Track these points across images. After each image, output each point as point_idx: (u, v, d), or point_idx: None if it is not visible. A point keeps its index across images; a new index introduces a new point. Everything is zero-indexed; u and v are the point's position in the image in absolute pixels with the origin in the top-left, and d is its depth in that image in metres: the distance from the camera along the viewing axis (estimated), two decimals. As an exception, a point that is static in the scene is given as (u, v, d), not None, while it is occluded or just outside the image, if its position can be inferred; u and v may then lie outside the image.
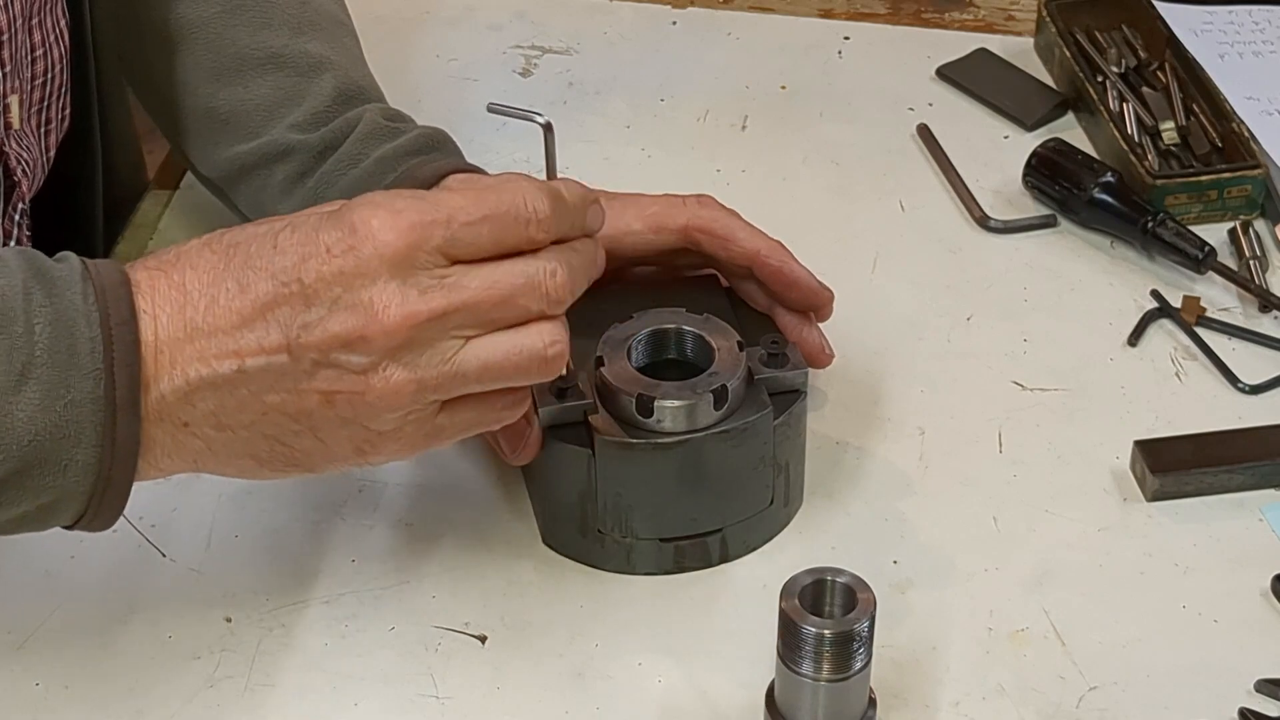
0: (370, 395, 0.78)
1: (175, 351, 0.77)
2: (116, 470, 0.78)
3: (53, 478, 0.77)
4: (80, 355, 0.76)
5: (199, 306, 0.78)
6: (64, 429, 0.76)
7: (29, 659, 0.87)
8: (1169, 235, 1.10)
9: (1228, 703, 0.85)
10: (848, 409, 1.01)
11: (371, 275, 0.77)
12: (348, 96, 1.03)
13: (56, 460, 0.76)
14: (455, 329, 0.78)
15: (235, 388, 0.78)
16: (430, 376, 0.78)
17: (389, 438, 0.80)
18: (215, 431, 0.79)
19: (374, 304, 0.76)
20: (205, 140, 1.06)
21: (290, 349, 0.77)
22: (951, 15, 1.35)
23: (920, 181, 1.19)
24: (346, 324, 0.77)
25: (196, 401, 0.78)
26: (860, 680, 0.80)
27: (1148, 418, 1.01)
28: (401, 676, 0.87)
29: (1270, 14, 1.31)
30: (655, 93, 1.25)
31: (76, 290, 0.77)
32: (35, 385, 0.75)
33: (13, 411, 0.75)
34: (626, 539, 0.91)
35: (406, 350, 0.77)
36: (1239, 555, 0.93)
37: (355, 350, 0.77)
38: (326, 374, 0.77)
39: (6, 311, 0.76)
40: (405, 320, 0.77)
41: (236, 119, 1.04)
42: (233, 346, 0.77)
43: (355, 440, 0.80)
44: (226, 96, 1.04)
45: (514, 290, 0.79)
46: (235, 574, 0.92)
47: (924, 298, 1.09)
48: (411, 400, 0.78)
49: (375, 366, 0.77)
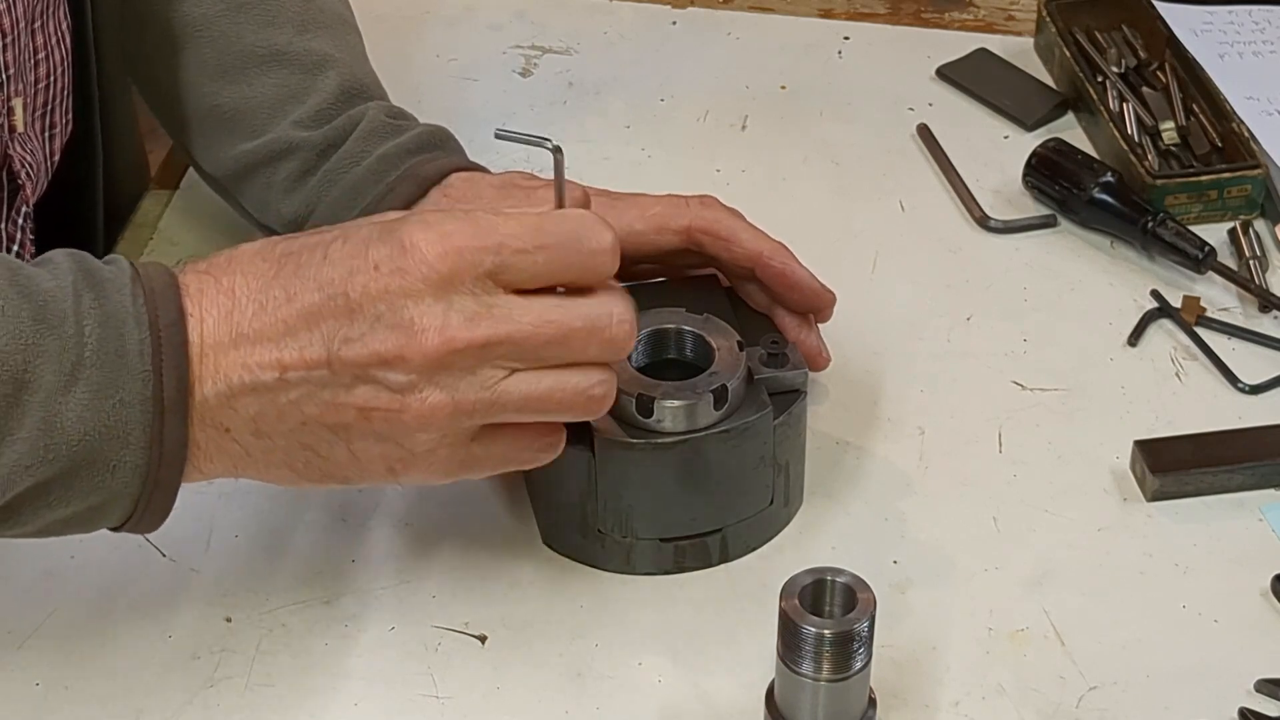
0: (406, 415, 0.78)
1: (220, 356, 0.78)
2: (164, 472, 0.78)
3: (101, 478, 0.77)
4: (129, 356, 0.76)
5: (246, 313, 0.78)
6: (113, 430, 0.76)
7: (29, 659, 0.87)
8: (1169, 235, 1.10)
9: (1228, 703, 0.85)
10: (848, 409, 1.01)
11: (416, 296, 0.76)
12: (351, 94, 1.04)
13: (105, 461, 0.77)
14: (500, 359, 0.78)
15: (276, 396, 0.78)
16: (467, 401, 0.78)
17: (422, 459, 0.80)
18: (254, 438, 0.79)
19: (414, 325, 0.76)
20: (209, 138, 1.06)
21: (331, 363, 0.77)
22: (951, 15, 1.35)
23: (920, 181, 1.19)
24: (387, 343, 0.77)
25: (238, 407, 0.78)
26: (860, 680, 0.80)
27: (1148, 418, 1.01)
28: (401, 676, 0.87)
29: (1270, 14, 1.31)
30: (655, 93, 1.25)
31: (126, 292, 0.77)
32: (85, 386, 0.75)
33: (63, 412, 0.75)
34: (626, 539, 0.91)
35: (445, 373, 0.77)
36: (1239, 555, 0.93)
37: (394, 369, 0.77)
38: (364, 390, 0.78)
39: (57, 312, 0.76)
40: (445, 345, 0.76)
41: (241, 117, 1.04)
42: (276, 356, 0.77)
43: (389, 458, 0.80)
44: (230, 94, 1.04)
45: (571, 332, 0.78)
46: (235, 574, 0.92)
47: (924, 298, 1.09)
48: (447, 423, 0.78)
49: (413, 387, 0.77)
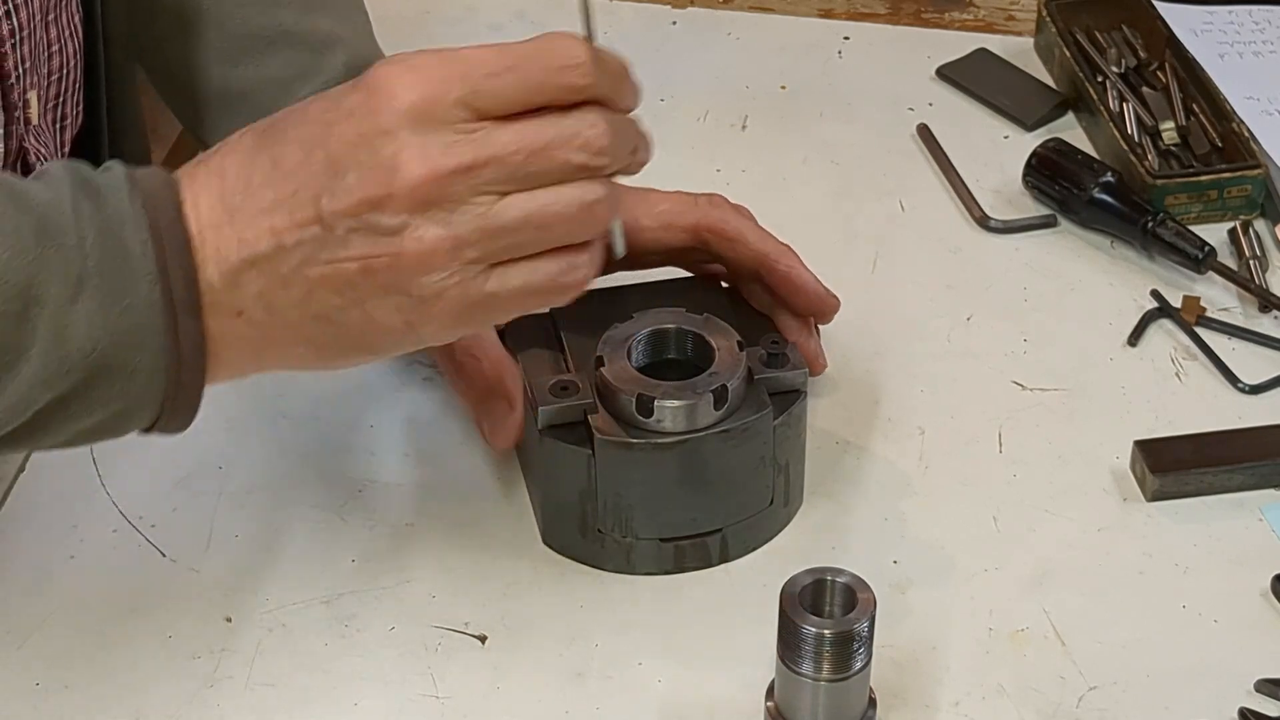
0: (406, 257, 0.75)
1: (216, 236, 0.76)
2: (185, 372, 0.76)
3: (121, 386, 0.76)
4: (133, 259, 0.75)
5: (236, 188, 0.77)
6: (125, 335, 0.75)
7: (29, 659, 0.87)
8: (1169, 235, 1.10)
9: (1228, 703, 0.85)
10: (848, 409, 1.01)
11: (392, 133, 0.75)
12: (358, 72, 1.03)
13: (122, 368, 0.75)
14: (487, 184, 0.75)
15: (277, 265, 0.76)
16: (465, 232, 0.75)
17: (434, 304, 0.77)
18: (267, 315, 0.77)
19: (395, 161, 0.74)
20: (221, 121, 1.05)
21: (322, 219, 0.75)
22: (951, 15, 1.35)
23: (920, 181, 1.19)
24: (370, 185, 0.75)
25: (243, 284, 0.76)
26: (860, 680, 0.80)
27: (1148, 418, 1.01)
28: (401, 676, 0.87)
29: (1270, 14, 1.31)
30: (655, 93, 1.25)
31: (123, 195, 0.76)
32: (91, 295, 0.74)
33: (72, 323, 0.74)
34: (626, 539, 0.91)
35: (436, 207, 0.75)
36: (1239, 555, 0.93)
37: (383, 211, 0.75)
38: (360, 240, 0.75)
39: (57, 223, 0.75)
40: (429, 174, 0.74)
41: (251, 98, 1.03)
42: (268, 224, 0.76)
43: (402, 310, 0.77)
44: (240, 76, 1.04)
45: (547, 142, 0.76)
46: (235, 574, 0.92)
47: (924, 298, 1.09)
48: (449, 258, 0.76)
49: (406, 226, 0.75)
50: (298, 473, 0.97)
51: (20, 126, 0.97)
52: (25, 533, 0.93)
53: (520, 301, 0.79)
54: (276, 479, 0.97)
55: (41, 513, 0.94)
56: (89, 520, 0.94)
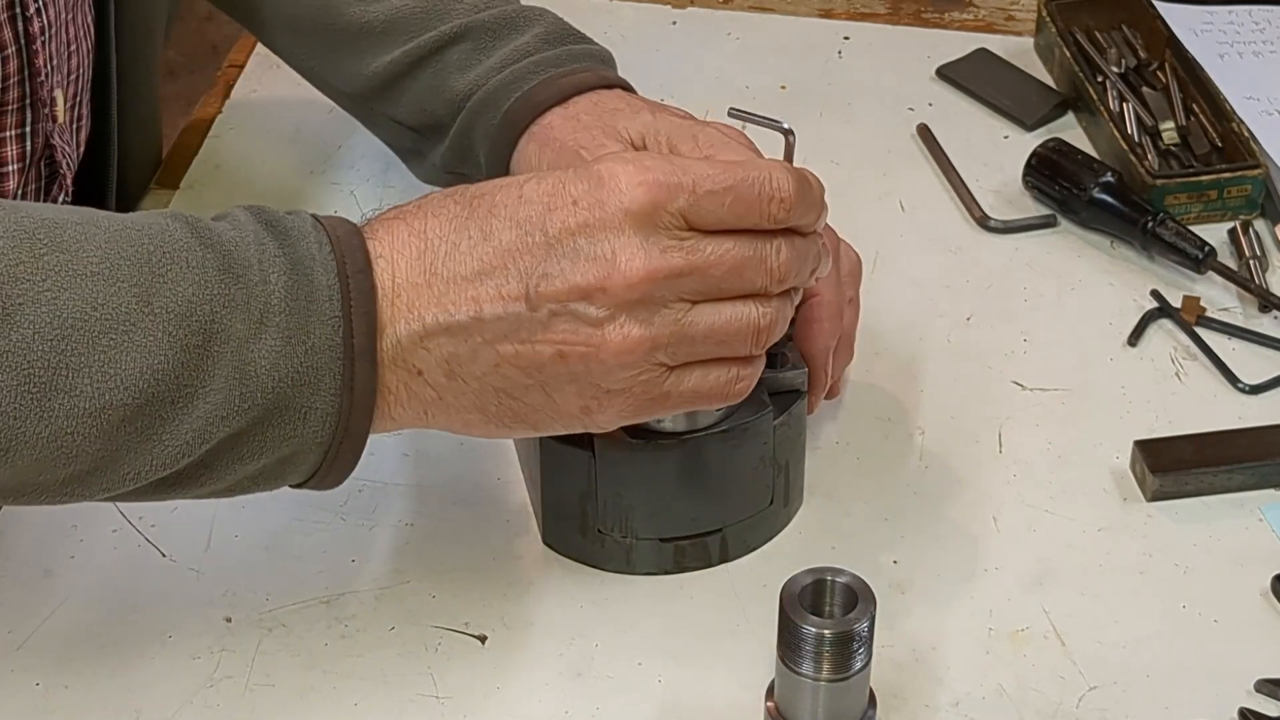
0: (604, 351, 0.78)
1: (414, 296, 0.78)
2: (354, 419, 0.78)
3: (293, 426, 0.77)
4: (319, 302, 0.76)
5: (439, 252, 0.78)
6: (304, 375, 0.76)
7: (29, 659, 0.87)
8: (1169, 235, 1.10)
9: (1228, 703, 0.85)
10: (848, 409, 1.01)
11: (616, 228, 0.77)
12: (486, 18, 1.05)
13: (297, 408, 0.77)
14: (687, 292, 0.79)
15: (470, 335, 0.78)
16: (663, 335, 0.79)
17: (616, 397, 0.80)
18: (447, 380, 0.79)
19: (616, 257, 0.77)
20: (352, 55, 1.07)
21: (529, 298, 0.77)
22: (951, 15, 1.35)
23: (920, 181, 1.19)
24: (587, 275, 0.77)
25: (431, 347, 0.78)
26: (860, 680, 0.80)
27: (1148, 418, 1.01)
28: (401, 676, 0.87)
29: (1270, 14, 1.31)
30: (655, 93, 1.25)
31: (310, 240, 0.78)
32: (274, 332, 0.76)
33: (255, 359, 0.75)
34: (626, 539, 0.91)
35: (641, 307, 0.78)
36: (1239, 555, 0.93)
37: (593, 302, 0.77)
38: (562, 326, 0.78)
39: (241, 260, 0.76)
40: (647, 275, 0.77)
41: (395, 25, 1.05)
42: (471, 293, 0.78)
43: (584, 397, 0.80)
44: (379, 8, 1.06)
45: (744, 261, 0.79)
46: (235, 574, 0.92)
47: (924, 298, 1.09)
48: (643, 358, 0.79)
49: (611, 320, 0.78)
50: (298, 473, 0.97)
51: (48, 125, 0.98)
52: (25, 533, 0.93)
53: (689, 402, 0.82)
54: (276, 479, 0.97)
55: (41, 513, 0.94)
56: (89, 520, 0.94)
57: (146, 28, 1.10)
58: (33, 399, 0.73)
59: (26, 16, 0.94)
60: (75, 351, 0.74)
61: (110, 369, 0.74)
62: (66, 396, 0.74)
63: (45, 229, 0.75)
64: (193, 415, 0.75)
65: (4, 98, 0.95)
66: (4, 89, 0.95)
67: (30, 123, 0.97)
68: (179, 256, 0.76)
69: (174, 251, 0.76)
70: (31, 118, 0.97)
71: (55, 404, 0.74)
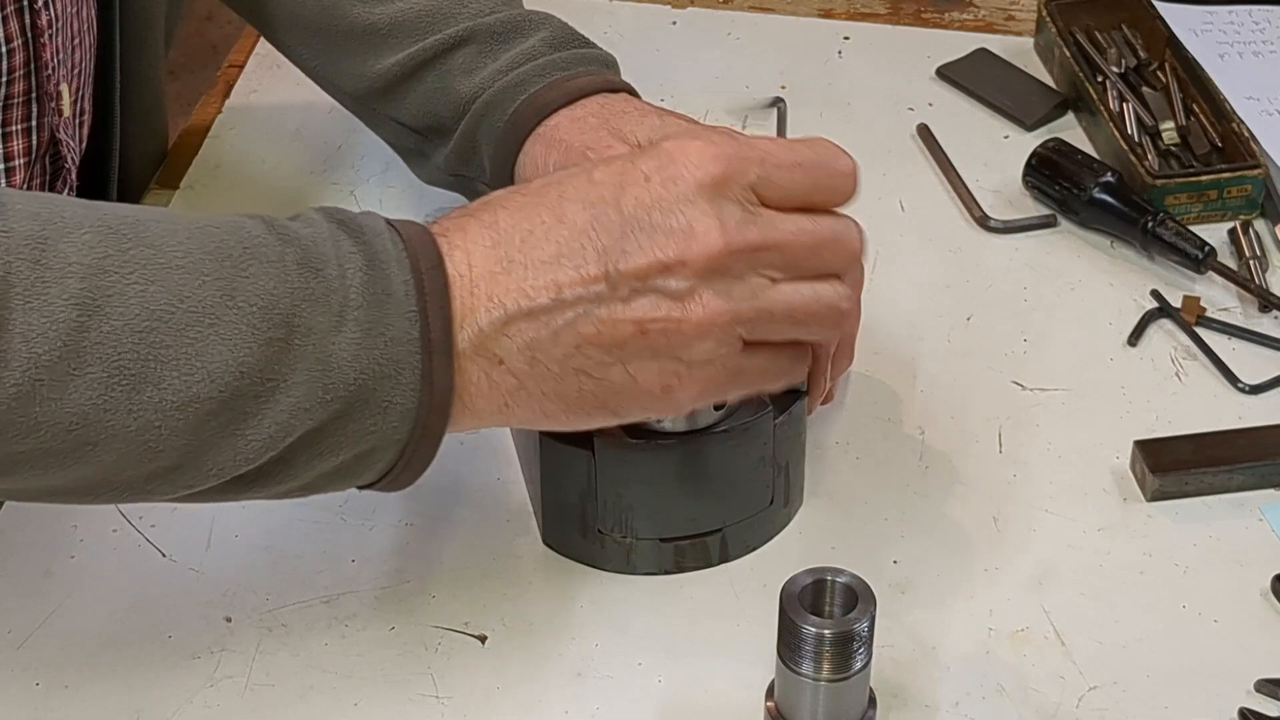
0: (686, 324, 0.78)
1: (492, 285, 0.78)
2: (434, 414, 0.78)
3: (374, 421, 0.77)
4: (396, 296, 0.77)
5: (513, 241, 0.79)
6: (385, 369, 0.76)
7: (29, 659, 0.87)
8: (1169, 235, 1.10)
9: (1228, 703, 0.85)
10: (848, 409, 1.01)
11: (690, 201, 0.78)
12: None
13: (378, 402, 0.77)
14: (765, 267, 0.79)
15: (552, 318, 0.78)
16: (744, 309, 0.79)
17: (699, 371, 0.80)
18: (529, 367, 0.79)
19: (694, 229, 0.77)
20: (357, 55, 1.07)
21: (609, 277, 0.78)
22: (951, 15, 1.35)
23: (920, 181, 1.19)
24: (666, 249, 0.77)
25: (513, 334, 0.78)
26: (860, 680, 0.80)
27: (1148, 418, 1.01)
28: (401, 676, 0.87)
29: (1270, 14, 1.31)
30: (655, 93, 1.25)
31: (385, 237, 0.78)
32: (354, 326, 0.76)
33: (336, 352, 0.76)
34: (626, 539, 0.91)
35: (721, 278, 0.78)
36: (1239, 555, 0.93)
37: (674, 275, 0.77)
38: (643, 302, 0.78)
39: (319, 255, 0.77)
40: (725, 246, 0.77)
41: (400, 28, 1.05)
42: (550, 277, 0.78)
43: (665, 374, 0.79)
44: (385, 10, 1.06)
45: (823, 241, 0.80)
46: (235, 574, 0.92)
47: (924, 298, 1.09)
48: (724, 331, 0.79)
49: (692, 293, 0.78)
50: (298, 473, 0.97)
51: (54, 118, 0.98)
52: (25, 533, 0.93)
53: (755, 382, 0.83)
54: (276, 479, 0.97)
55: (41, 513, 0.94)
56: (89, 520, 0.94)
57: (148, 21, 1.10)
58: (122, 392, 0.73)
59: (34, 10, 0.94)
60: (163, 344, 0.74)
61: (197, 362, 0.74)
62: (154, 389, 0.74)
63: (129, 225, 0.75)
64: (276, 409, 0.76)
65: (10, 91, 0.95)
66: (10, 82, 0.95)
67: (36, 116, 0.98)
68: (259, 252, 0.76)
69: (254, 247, 0.76)
70: (38, 111, 0.97)
71: (143, 397, 0.74)
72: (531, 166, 0.99)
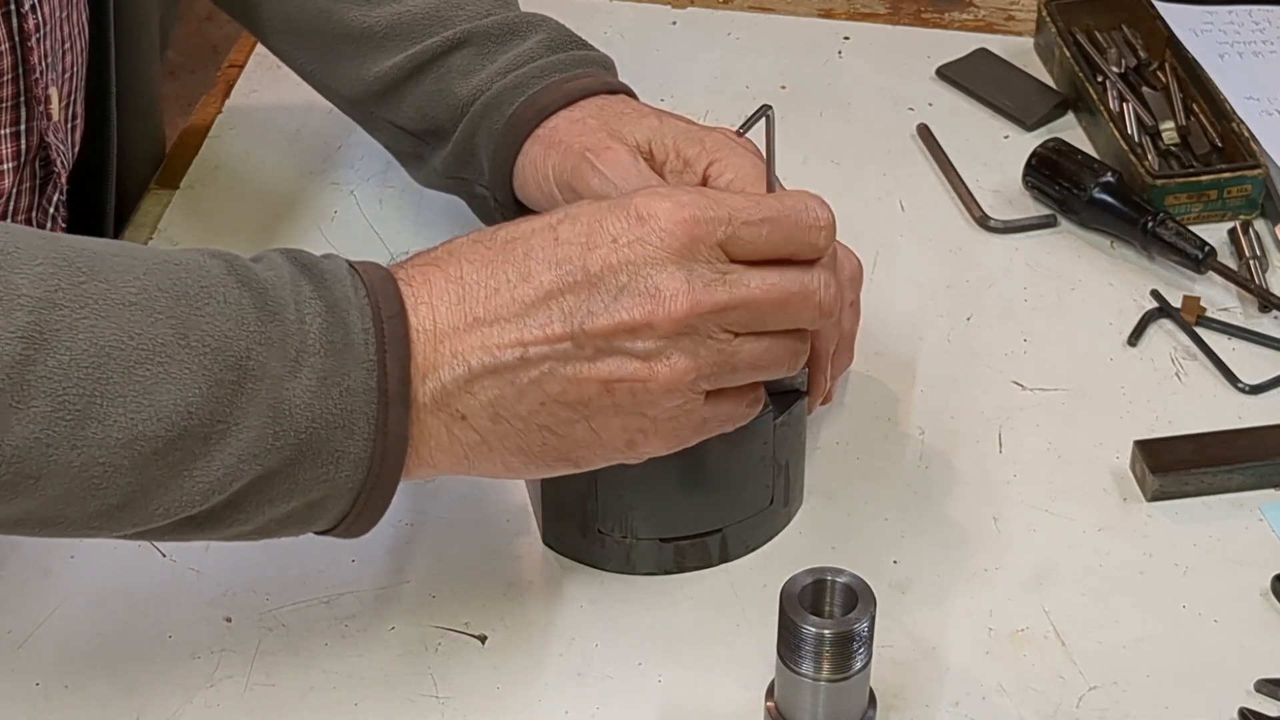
0: (653, 383, 0.79)
1: (457, 341, 0.78)
2: (386, 466, 0.78)
3: (325, 470, 0.77)
4: (354, 345, 0.76)
5: (478, 297, 0.79)
6: (338, 418, 0.76)
7: (29, 659, 0.87)
8: (1169, 235, 1.10)
9: (1228, 703, 0.85)
10: (848, 409, 1.01)
11: (658, 264, 0.78)
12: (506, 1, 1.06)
13: (330, 451, 0.77)
14: (731, 324, 0.79)
15: (517, 376, 0.78)
16: (708, 365, 0.79)
17: (664, 427, 0.81)
18: (491, 424, 0.79)
19: (661, 292, 0.78)
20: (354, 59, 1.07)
21: (574, 337, 0.78)
22: (951, 15, 1.35)
23: (920, 181, 1.19)
24: (634, 311, 0.78)
25: (477, 391, 0.78)
26: (860, 680, 0.80)
27: (1148, 418, 1.01)
28: (401, 676, 0.87)
29: (1270, 14, 1.31)
30: (655, 93, 1.25)
31: (346, 283, 0.78)
32: (310, 373, 0.76)
33: (290, 398, 0.75)
34: (626, 539, 0.91)
35: (687, 339, 0.79)
36: (1239, 555, 0.93)
37: (640, 337, 0.78)
38: (609, 362, 0.78)
39: (277, 299, 0.76)
40: (692, 309, 0.78)
41: (396, 30, 1.05)
42: (515, 335, 0.78)
43: (629, 430, 0.80)
44: (381, 13, 1.06)
45: (790, 296, 0.80)
46: (235, 574, 0.92)
47: (924, 298, 1.09)
48: (690, 387, 0.79)
49: (659, 354, 0.78)
50: (298, 473, 0.97)
51: (42, 122, 0.98)
52: (25, 533, 0.93)
53: (721, 426, 0.84)
54: (276, 479, 0.97)
55: (41, 513, 0.94)
56: (89, 520, 0.94)
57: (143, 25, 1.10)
58: (66, 427, 0.73)
59: (21, 13, 0.94)
60: (111, 380, 0.73)
61: (145, 399, 0.74)
62: (100, 425, 0.73)
63: (84, 258, 0.75)
64: (225, 451, 0.75)
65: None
66: None
67: (25, 120, 0.97)
68: (216, 292, 0.76)
69: (211, 287, 0.76)
70: (26, 115, 0.97)
71: (88, 433, 0.73)
72: (530, 168, 0.99)
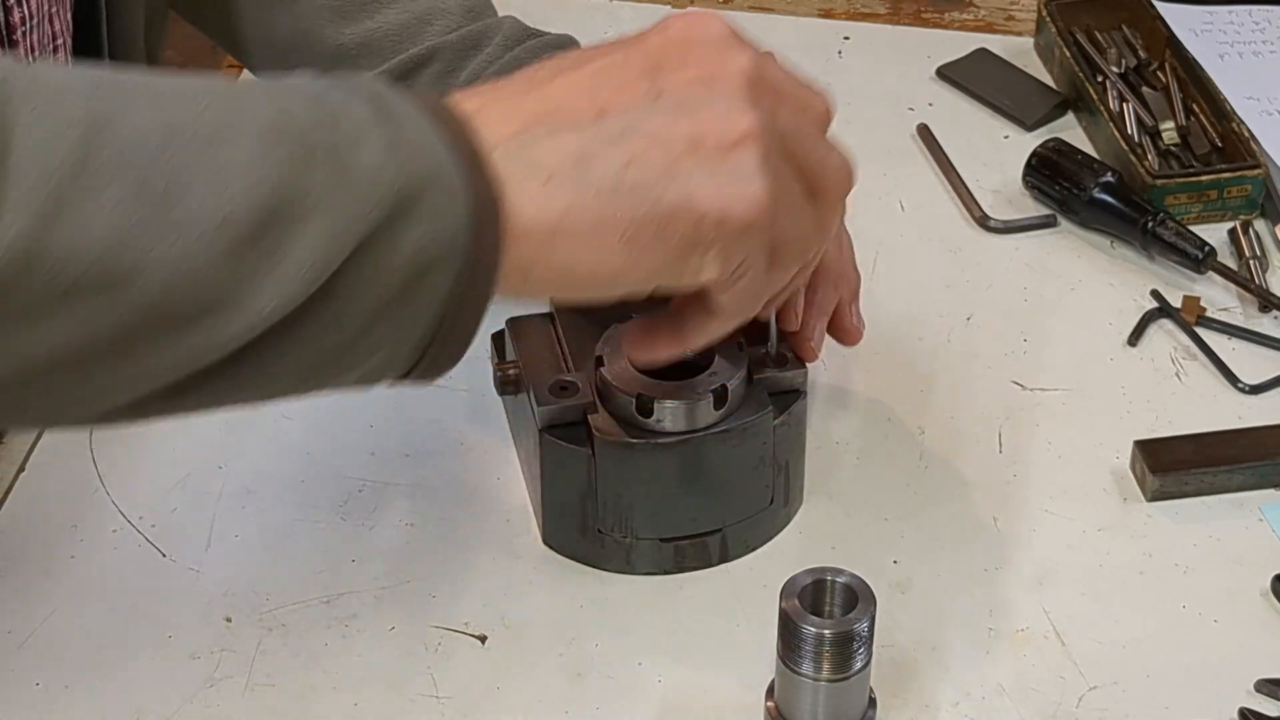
0: (734, 132, 0.78)
1: (521, 105, 0.77)
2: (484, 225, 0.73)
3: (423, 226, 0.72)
4: (410, 115, 0.73)
5: (541, 78, 0.79)
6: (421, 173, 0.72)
7: (29, 659, 0.87)
8: (1169, 235, 1.10)
9: (1228, 703, 0.85)
10: (848, 409, 1.01)
11: (718, 36, 0.81)
12: (477, 12, 1.06)
13: (422, 209, 0.72)
14: (786, 112, 0.81)
15: (599, 129, 0.77)
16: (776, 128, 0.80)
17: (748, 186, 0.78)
18: (578, 175, 0.76)
19: (726, 53, 0.80)
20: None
21: (653, 90, 0.78)
22: (951, 15, 1.35)
23: (920, 181, 1.19)
24: (705, 65, 0.79)
25: (558, 147, 0.76)
26: (860, 680, 0.80)
27: (1148, 418, 1.01)
28: (401, 676, 0.87)
29: (1270, 14, 1.31)
30: (655, 93, 1.25)
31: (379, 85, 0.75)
32: (376, 141, 0.72)
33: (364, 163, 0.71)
34: (626, 539, 0.91)
35: (759, 92, 0.80)
36: (1239, 555, 0.93)
37: (717, 86, 0.79)
38: (689, 114, 0.78)
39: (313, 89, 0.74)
40: (756, 67, 0.80)
41: (368, 48, 1.05)
42: (589, 95, 0.78)
43: (720, 195, 0.78)
44: (354, 31, 1.05)
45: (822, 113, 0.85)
46: (235, 574, 0.92)
47: (924, 298, 1.09)
48: (765, 142, 0.79)
49: (734, 108, 0.78)
50: (298, 473, 0.97)
51: None
52: (25, 533, 0.93)
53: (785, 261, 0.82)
54: (276, 479, 0.97)
55: (41, 513, 0.94)
56: (89, 520, 0.94)
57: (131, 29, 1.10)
58: (154, 208, 0.68)
59: (6, 7, 0.93)
60: (186, 161, 0.69)
61: (226, 178, 0.69)
62: (185, 209, 0.68)
63: (115, 71, 0.71)
64: (316, 224, 0.70)
65: None
66: None
67: None
68: (254, 90, 0.74)
69: (252, 86, 0.76)
70: None
71: (176, 216, 0.68)
72: None
